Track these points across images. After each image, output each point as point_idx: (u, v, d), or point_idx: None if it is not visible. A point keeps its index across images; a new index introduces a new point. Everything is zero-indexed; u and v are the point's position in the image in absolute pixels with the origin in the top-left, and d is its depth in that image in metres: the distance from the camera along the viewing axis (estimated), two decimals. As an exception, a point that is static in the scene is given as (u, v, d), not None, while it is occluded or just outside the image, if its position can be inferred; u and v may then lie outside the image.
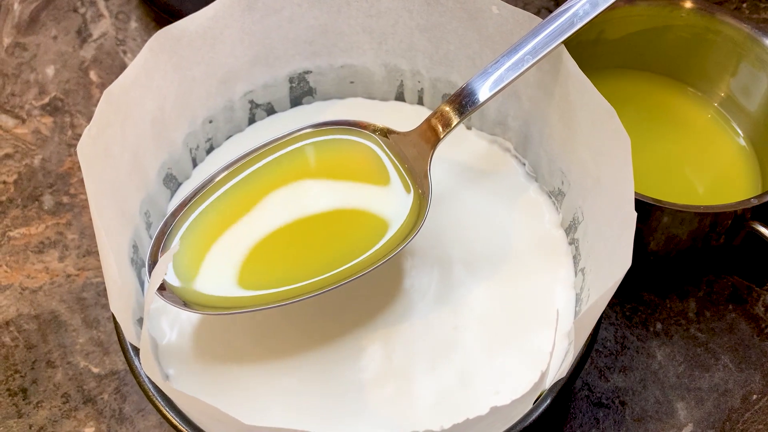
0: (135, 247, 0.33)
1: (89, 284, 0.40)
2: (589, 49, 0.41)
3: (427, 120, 0.33)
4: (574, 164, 0.34)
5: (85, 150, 0.30)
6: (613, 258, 0.28)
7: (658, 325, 0.39)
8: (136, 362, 0.30)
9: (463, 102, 0.32)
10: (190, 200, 0.33)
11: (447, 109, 0.33)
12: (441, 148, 0.33)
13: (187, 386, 0.31)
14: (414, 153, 0.34)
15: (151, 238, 0.35)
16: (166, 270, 0.33)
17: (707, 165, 0.41)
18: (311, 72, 0.39)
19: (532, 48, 0.32)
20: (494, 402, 0.31)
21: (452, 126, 0.33)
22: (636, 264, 0.28)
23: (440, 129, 0.33)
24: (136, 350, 0.30)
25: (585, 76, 0.31)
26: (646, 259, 0.39)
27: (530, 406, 0.29)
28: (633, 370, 0.38)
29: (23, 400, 0.37)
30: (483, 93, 0.32)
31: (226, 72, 0.36)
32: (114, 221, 0.31)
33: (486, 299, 0.34)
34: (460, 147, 0.38)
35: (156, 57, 0.33)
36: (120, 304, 0.29)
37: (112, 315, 0.30)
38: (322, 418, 0.31)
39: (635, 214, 0.28)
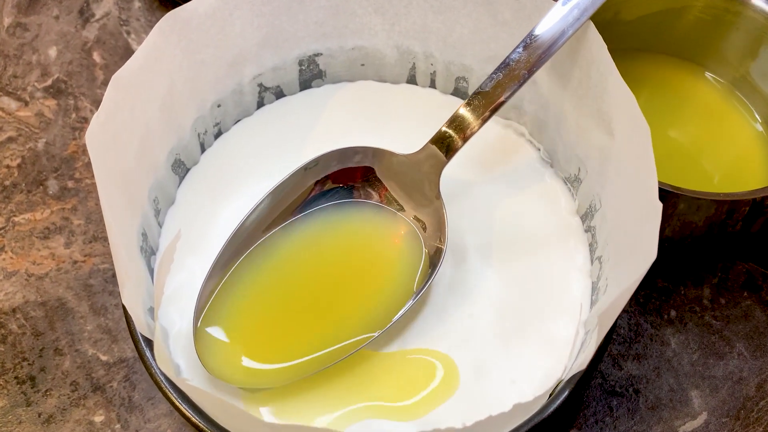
0: (144, 235, 0.33)
1: (96, 271, 0.40)
2: (605, 30, 0.40)
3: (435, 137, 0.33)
4: (593, 151, 0.33)
5: (94, 138, 0.29)
6: (636, 249, 0.28)
7: (673, 313, 0.38)
8: (148, 354, 0.30)
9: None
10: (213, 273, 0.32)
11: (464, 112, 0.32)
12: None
13: (198, 377, 0.31)
14: (419, 177, 0.33)
15: (160, 226, 0.35)
16: (172, 259, 0.33)
17: (724, 150, 0.40)
18: (321, 54, 0.38)
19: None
20: (510, 391, 0.30)
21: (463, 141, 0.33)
22: (650, 250, 0.28)
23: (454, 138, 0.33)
24: (147, 340, 0.30)
25: (610, 59, 0.31)
26: (660, 245, 0.38)
27: (547, 398, 0.28)
28: (647, 358, 0.37)
29: (32, 388, 0.37)
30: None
31: (235, 55, 0.36)
32: (123, 210, 0.31)
33: (501, 287, 0.33)
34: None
35: (165, 40, 0.32)
36: (131, 297, 0.28)
37: (122, 304, 0.30)
38: (337, 410, 0.30)
39: (660, 206, 0.27)
